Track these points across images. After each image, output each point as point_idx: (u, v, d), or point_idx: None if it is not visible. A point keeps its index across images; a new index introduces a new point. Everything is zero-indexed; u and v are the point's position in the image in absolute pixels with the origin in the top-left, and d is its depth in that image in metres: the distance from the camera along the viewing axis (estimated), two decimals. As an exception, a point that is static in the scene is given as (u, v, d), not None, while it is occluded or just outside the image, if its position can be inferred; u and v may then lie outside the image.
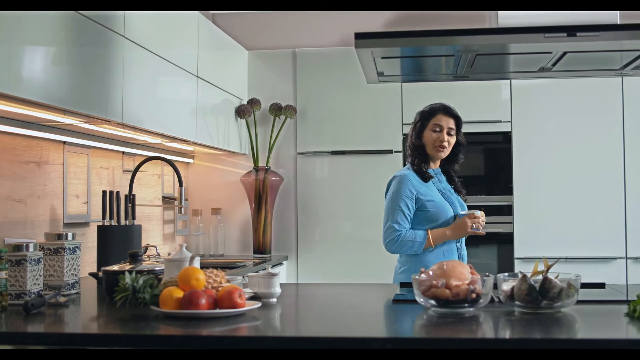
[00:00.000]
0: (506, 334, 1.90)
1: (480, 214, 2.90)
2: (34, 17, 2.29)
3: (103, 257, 2.94)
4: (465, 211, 2.92)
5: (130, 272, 2.13)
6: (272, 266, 3.96)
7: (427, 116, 2.94)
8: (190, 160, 4.64)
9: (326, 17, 4.65)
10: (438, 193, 2.93)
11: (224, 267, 3.67)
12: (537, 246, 4.32)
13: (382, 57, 2.43)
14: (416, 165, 2.93)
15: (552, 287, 2.02)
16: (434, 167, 2.99)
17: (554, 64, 2.60)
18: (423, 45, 2.30)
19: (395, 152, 4.46)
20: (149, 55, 3.11)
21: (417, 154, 2.94)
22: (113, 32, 2.77)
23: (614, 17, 2.38)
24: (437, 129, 2.91)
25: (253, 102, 4.47)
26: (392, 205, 2.89)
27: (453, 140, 2.94)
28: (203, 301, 1.98)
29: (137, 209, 3.76)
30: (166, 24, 3.35)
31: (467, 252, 3.03)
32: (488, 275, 2.10)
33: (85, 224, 3.26)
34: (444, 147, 2.91)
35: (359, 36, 2.29)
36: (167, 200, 4.22)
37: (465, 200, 3.06)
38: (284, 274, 4.48)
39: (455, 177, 3.06)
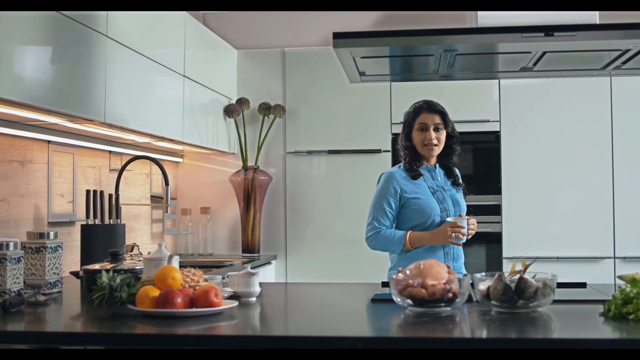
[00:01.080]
0: (481, 333, 1.90)
1: (468, 222, 2.84)
2: (15, 17, 2.29)
3: (87, 256, 2.95)
4: (452, 218, 2.87)
5: (107, 271, 2.13)
6: (252, 267, 3.91)
7: (412, 116, 2.93)
8: (180, 160, 4.64)
9: (315, 16, 4.66)
10: (427, 190, 2.91)
11: (210, 266, 3.68)
12: (525, 246, 4.32)
13: (362, 57, 2.43)
14: (407, 163, 2.94)
15: (528, 286, 2.03)
16: (428, 164, 2.98)
17: (535, 64, 2.61)
18: (401, 45, 2.30)
19: (384, 151, 4.46)
20: (133, 54, 3.12)
21: (409, 154, 2.94)
22: (95, 32, 2.77)
23: (593, 17, 2.38)
24: (424, 128, 2.90)
25: (242, 102, 4.48)
26: (376, 202, 2.92)
27: (442, 135, 2.92)
28: (179, 300, 1.98)
29: (125, 208, 3.77)
30: (151, 24, 3.35)
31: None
32: (465, 275, 2.11)
33: (71, 223, 3.26)
34: (432, 146, 2.90)
35: (337, 36, 2.29)
36: (156, 199, 4.22)
37: (465, 195, 3.04)
38: (272, 273, 4.48)
39: (454, 169, 3.02)
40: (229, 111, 4.38)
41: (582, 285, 2.66)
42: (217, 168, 4.64)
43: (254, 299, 2.32)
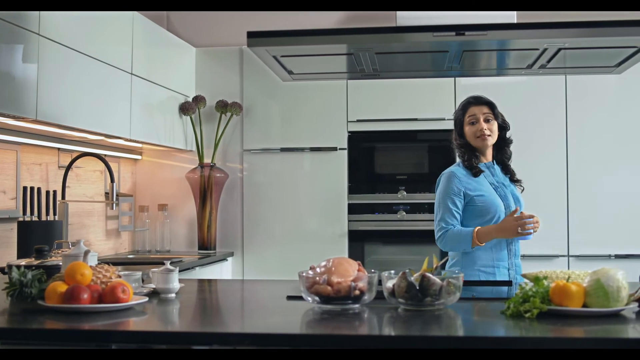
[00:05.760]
0: (380, 330, 1.92)
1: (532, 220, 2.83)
2: None
3: (23, 252, 2.97)
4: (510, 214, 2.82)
5: (18, 267, 2.15)
6: (170, 265, 3.91)
7: (461, 113, 2.95)
8: (139, 157, 4.66)
9: (273, 16, 4.66)
10: (490, 187, 2.90)
11: (158, 262, 3.70)
12: (479, 244, 4.34)
13: (282, 56, 2.45)
14: (467, 160, 2.92)
15: (431, 284, 2.05)
16: (486, 160, 2.97)
17: (458, 62, 2.63)
18: (311, 44, 2.31)
19: (340, 149, 4.48)
20: (71, 52, 3.12)
21: (466, 151, 2.93)
22: (26, 30, 2.78)
23: (511, 18, 2.40)
24: (474, 121, 2.90)
25: (197, 99, 4.49)
26: (440, 202, 2.89)
27: (493, 126, 2.93)
28: (85, 296, 2.00)
29: (77, 205, 3.79)
30: (93, 22, 3.34)
31: None
32: (373, 272, 2.13)
33: (13, 220, 3.28)
34: (486, 136, 2.90)
35: (250, 35, 2.30)
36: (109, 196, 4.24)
37: (522, 190, 3.04)
38: (229, 270, 4.51)
39: (510, 165, 3.04)
40: (184, 109, 4.40)
41: (508, 283, 2.69)
42: (176, 165, 4.66)
43: (173, 295, 2.34)
